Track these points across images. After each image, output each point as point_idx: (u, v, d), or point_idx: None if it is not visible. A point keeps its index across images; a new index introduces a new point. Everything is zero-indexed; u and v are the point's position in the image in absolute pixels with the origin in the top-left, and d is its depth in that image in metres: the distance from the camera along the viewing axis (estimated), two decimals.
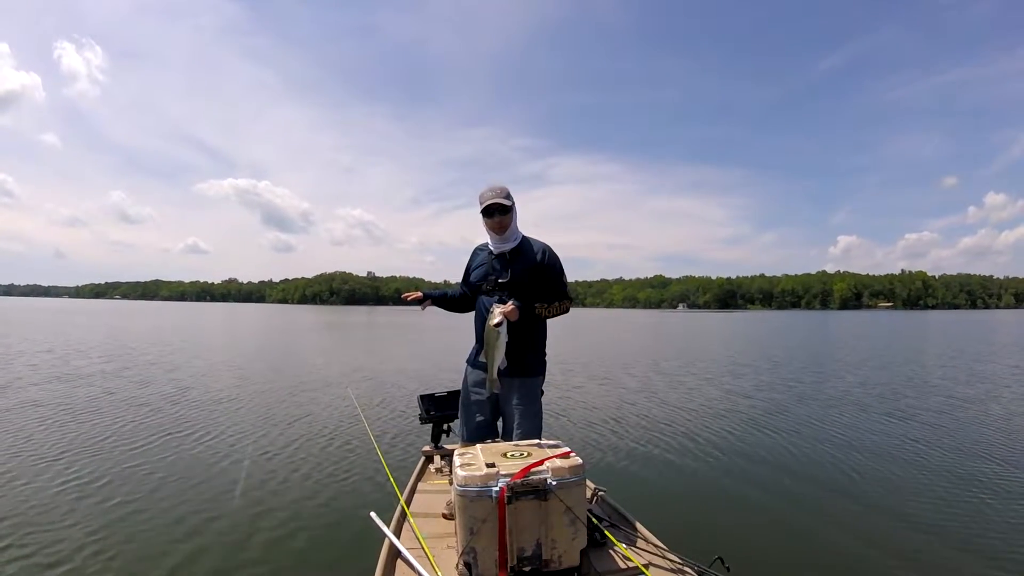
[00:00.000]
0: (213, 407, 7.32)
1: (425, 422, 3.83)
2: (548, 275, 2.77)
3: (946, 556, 3.45)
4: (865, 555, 3.47)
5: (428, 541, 2.36)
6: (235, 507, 3.97)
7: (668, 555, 2.30)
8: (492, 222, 2.71)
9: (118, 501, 4.02)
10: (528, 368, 2.74)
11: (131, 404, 7.51)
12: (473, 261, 2.92)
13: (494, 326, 2.51)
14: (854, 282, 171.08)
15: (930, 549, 3.54)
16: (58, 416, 6.64)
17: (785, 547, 3.62)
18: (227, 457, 5.19)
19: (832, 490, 4.68)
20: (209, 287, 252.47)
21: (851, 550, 3.55)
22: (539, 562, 2.04)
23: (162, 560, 3.19)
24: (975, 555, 3.46)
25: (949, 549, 3.54)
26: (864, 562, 3.39)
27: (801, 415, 7.70)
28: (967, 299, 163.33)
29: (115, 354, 13.95)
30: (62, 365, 11.37)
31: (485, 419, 2.82)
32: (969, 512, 4.13)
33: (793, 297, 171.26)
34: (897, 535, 3.75)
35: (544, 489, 2.03)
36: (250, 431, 6.13)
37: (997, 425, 6.94)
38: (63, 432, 5.91)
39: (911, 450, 5.83)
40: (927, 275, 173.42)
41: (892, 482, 4.85)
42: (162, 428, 6.14)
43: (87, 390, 8.49)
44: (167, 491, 4.27)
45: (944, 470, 5.16)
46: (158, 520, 3.73)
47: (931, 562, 3.38)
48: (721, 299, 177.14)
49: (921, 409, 8.01)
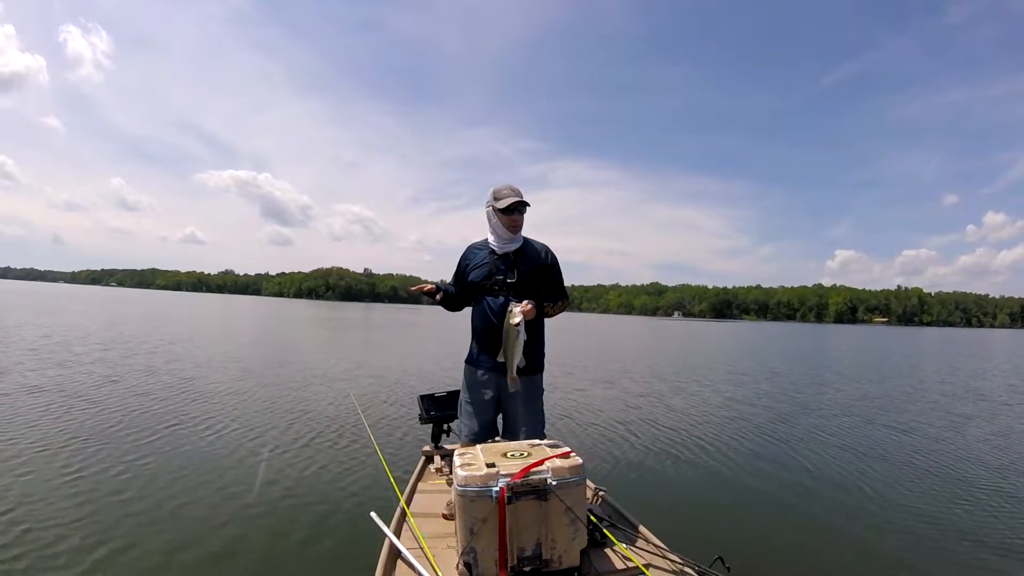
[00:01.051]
0: (213, 406, 7.24)
1: (425, 422, 3.84)
2: (551, 275, 2.83)
3: (943, 559, 3.50)
4: (864, 556, 3.52)
5: (428, 541, 2.37)
6: (235, 506, 3.96)
7: (668, 555, 2.31)
8: (510, 220, 2.73)
9: (119, 500, 4.00)
10: (532, 366, 2.77)
11: (131, 402, 7.48)
12: (470, 260, 2.89)
13: (515, 325, 2.54)
14: (850, 296, 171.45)
15: (926, 553, 3.58)
16: (58, 402, 6.63)
17: (785, 547, 3.66)
18: (228, 456, 5.16)
19: (831, 491, 4.75)
20: (205, 278, 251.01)
21: (851, 550, 3.60)
22: (539, 562, 2.06)
23: (162, 558, 3.19)
24: (973, 559, 3.50)
25: (946, 552, 3.59)
26: (864, 562, 3.44)
27: (800, 421, 7.77)
28: (962, 317, 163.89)
29: (113, 345, 13.89)
30: (62, 351, 11.31)
31: (485, 418, 2.83)
32: (964, 516, 4.20)
33: (788, 309, 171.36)
34: (894, 537, 3.80)
35: (544, 489, 2.05)
36: (250, 430, 6.09)
37: (995, 441, 6.98)
38: (60, 420, 5.91)
39: (908, 457, 5.91)
40: (923, 292, 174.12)
41: (890, 486, 4.92)
42: (162, 426, 6.06)
43: (87, 379, 8.45)
44: (168, 487, 4.25)
45: (941, 477, 5.23)
46: (160, 517, 3.72)
47: (929, 565, 3.42)
48: (716, 308, 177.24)
49: (918, 420, 8.05)
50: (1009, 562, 3.49)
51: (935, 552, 3.61)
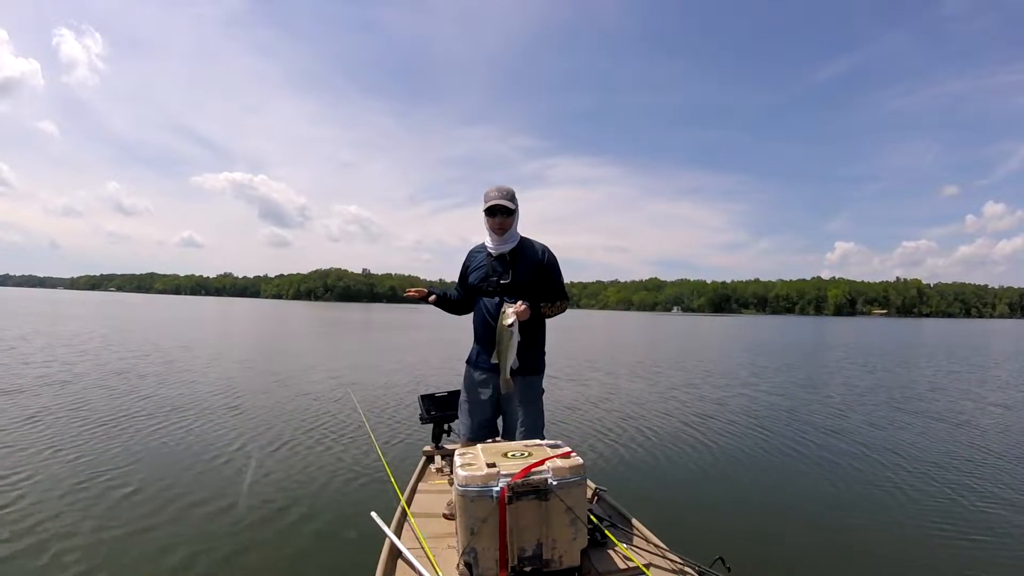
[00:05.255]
0: (214, 407, 7.27)
1: (426, 422, 3.84)
2: (549, 276, 2.81)
3: (945, 559, 3.49)
4: (865, 555, 3.51)
5: (429, 541, 2.37)
6: (236, 506, 3.97)
7: (668, 555, 2.31)
8: (493, 222, 2.74)
9: (119, 500, 4.01)
10: (530, 367, 2.76)
11: (130, 403, 7.49)
12: (471, 263, 2.91)
13: (507, 326, 2.53)
14: (848, 288, 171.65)
15: (928, 552, 3.58)
16: (55, 410, 6.62)
17: (786, 548, 3.66)
18: (229, 456, 5.17)
19: (832, 491, 4.74)
20: (204, 281, 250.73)
21: (851, 550, 3.59)
22: (540, 562, 2.06)
23: (163, 557, 3.19)
24: (978, 555, 3.51)
25: (948, 551, 3.58)
26: (864, 562, 3.43)
27: (801, 418, 7.76)
28: (961, 308, 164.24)
29: (115, 349, 13.88)
30: (64, 357, 11.31)
31: (486, 419, 2.83)
32: (968, 515, 4.19)
33: (787, 302, 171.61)
34: (896, 537, 3.79)
35: (545, 489, 2.05)
36: (251, 430, 6.10)
37: (999, 437, 6.98)
38: (59, 426, 5.90)
39: (911, 455, 5.88)
40: (922, 283, 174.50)
41: (893, 485, 4.90)
42: (163, 427, 6.09)
43: (85, 383, 8.46)
44: (169, 487, 4.26)
45: (947, 472, 5.22)
46: (161, 516, 3.73)
47: (930, 565, 3.42)
48: (715, 303, 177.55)
49: (920, 417, 8.06)
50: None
51: (938, 551, 3.60)
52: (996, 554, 3.55)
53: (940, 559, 3.49)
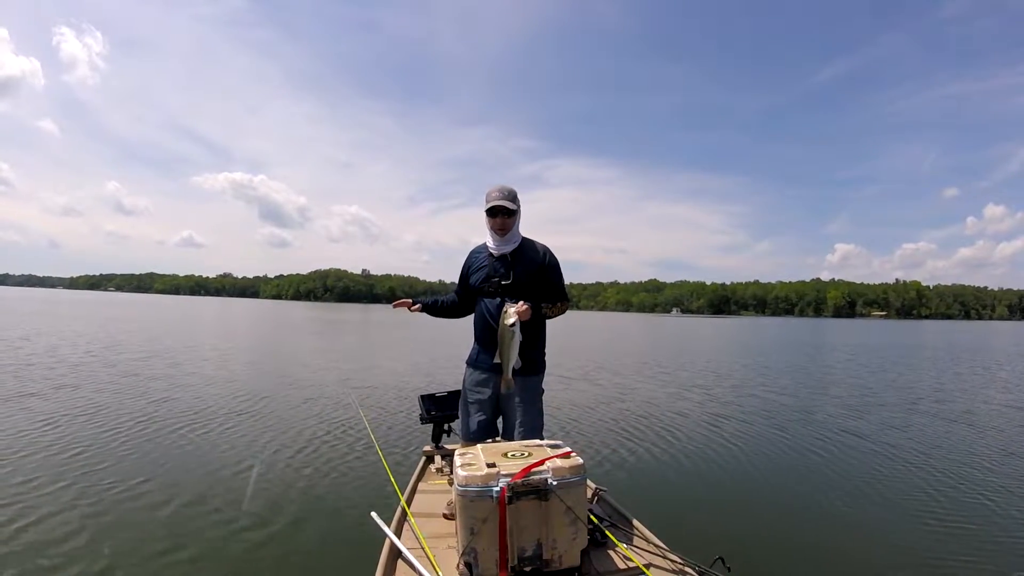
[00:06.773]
0: (214, 408, 7.26)
1: (426, 422, 3.84)
2: (550, 276, 2.81)
3: (946, 558, 3.49)
4: (865, 555, 3.52)
5: (429, 541, 2.37)
6: (238, 506, 3.96)
7: (668, 555, 2.31)
8: (494, 222, 2.74)
9: (119, 498, 4.01)
10: (530, 367, 2.76)
11: (130, 403, 7.48)
12: (472, 263, 2.91)
13: (509, 326, 2.53)
14: (848, 290, 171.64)
15: (929, 552, 3.58)
16: (56, 409, 6.62)
17: (786, 548, 3.66)
18: (232, 456, 5.17)
19: (832, 491, 4.74)
20: (203, 281, 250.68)
21: (852, 550, 3.60)
22: (540, 562, 2.05)
23: (166, 556, 3.19)
24: (979, 557, 3.50)
25: (949, 551, 3.58)
26: (864, 562, 3.44)
27: (801, 418, 7.77)
28: (960, 310, 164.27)
29: (116, 349, 13.87)
30: (68, 357, 11.30)
31: (486, 419, 2.83)
32: (969, 514, 4.20)
33: (787, 304, 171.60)
34: (896, 537, 3.80)
35: (545, 489, 2.04)
36: (253, 431, 6.09)
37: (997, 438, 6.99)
38: (60, 426, 5.90)
39: (912, 456, 5.89)
40: (921, 285, 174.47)
41: (893, 483, 4.92)
42: (163, 427, 6.08)
43: (87, 385, 8.45)
44: (170, 487, 4.26)
45: (948, 475, 5.22)
46: (162, 516, 3.73)
47: (931, 565, 3.42)
48: (714, 304, 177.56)
49: (923, 417, 8.06)
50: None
51: (938, 551, 3.59)
52: (996, 553, 3.55)
53: (944, 558, 3.49)
